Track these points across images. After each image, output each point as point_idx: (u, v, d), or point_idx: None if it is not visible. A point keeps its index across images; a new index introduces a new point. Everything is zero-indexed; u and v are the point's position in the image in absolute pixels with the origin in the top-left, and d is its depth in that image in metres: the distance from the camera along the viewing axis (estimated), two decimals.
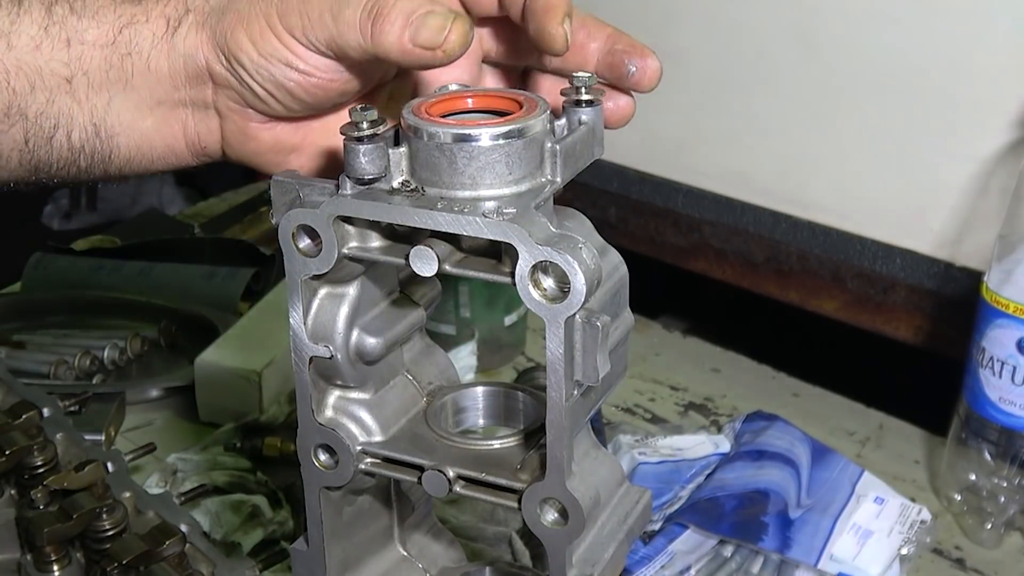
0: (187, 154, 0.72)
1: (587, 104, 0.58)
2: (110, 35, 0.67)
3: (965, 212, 1.12)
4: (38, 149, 0.69)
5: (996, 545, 0.99)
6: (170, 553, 0.78)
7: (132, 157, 0.71)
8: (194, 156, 0.72)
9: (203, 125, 0.71)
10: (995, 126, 1.06)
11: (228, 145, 0.71)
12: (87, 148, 0.69)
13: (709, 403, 1.22)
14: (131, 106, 0.69)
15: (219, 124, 0.70)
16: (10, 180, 0.71)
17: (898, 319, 1.21)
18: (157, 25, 0.68)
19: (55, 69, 0.67)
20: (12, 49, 0.66)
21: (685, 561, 0.93)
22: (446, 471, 0.59)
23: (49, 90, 0.67)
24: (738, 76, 1.24)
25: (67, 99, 0.68)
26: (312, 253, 0.57)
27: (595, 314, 0.54)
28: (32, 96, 0.67)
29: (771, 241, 1.28)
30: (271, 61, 0.64)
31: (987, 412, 0.98)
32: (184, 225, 1.67)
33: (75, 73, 0.67)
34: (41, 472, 0.85)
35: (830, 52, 1.17)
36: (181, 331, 1.33)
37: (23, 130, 0.68)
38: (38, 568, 0.81)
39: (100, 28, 0.67)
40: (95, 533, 0.80)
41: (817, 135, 1.21)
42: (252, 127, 0.69)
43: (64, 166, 0.70)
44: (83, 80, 0.68)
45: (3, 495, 0.88)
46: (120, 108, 0.69)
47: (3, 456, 0.85)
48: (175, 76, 0.68)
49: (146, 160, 0.72)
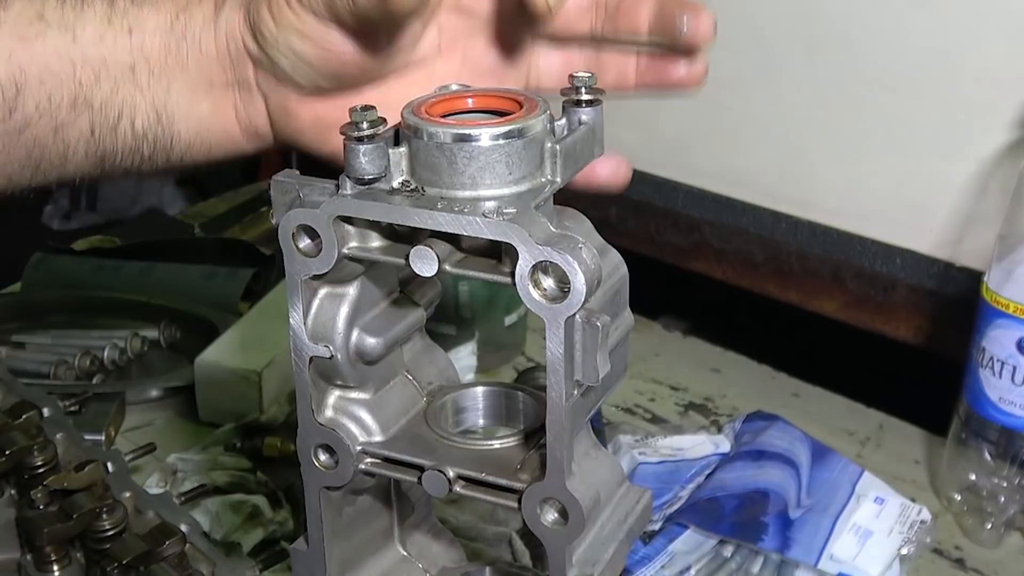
0: (242, 138, 0.74)
1: (587, 104, 0.58)
2: (168, 21, 0.69)
3: (965, 212, 1.12)
4: (104, 139, 0.70)
5: (996, 545, 0.99)
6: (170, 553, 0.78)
7: (192, 143, 0.73)
8: (248, 140, 0.74)
9: (252, 107, 0.72)
10: (995, 126, 1.06)
11: (275, 125, 0.72)
12: (150, 135, 0.71)
13: (709, 403, 1.22)
14: (188, 91, 0.71)
15: (264, 104, 0.72)
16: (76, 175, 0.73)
17: (898, 319, 1.21)
18: (207, 8, 0.70)
19: (119, 58, 0.69)
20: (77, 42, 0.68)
21: (685, 561, 0.93)
22: (446, 471, 0.59)
23: (113, 79, 0.69)
24: (738, 76, 1.24)
25: (130, 87, 0.70)
26: (312, 253, 0.57)
27: (595, 314, 0.54)
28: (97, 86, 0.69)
29: (771, 241, 1.28)
30: (287, 33, 0.66)
31: (987, 412, 0.98)
32: (184, 225, 1.67)
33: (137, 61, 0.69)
34: (41, 472, 0.85)
35: (830, 52, 1.17)
36: (181, 331, 1.33)
37: (89, 120, 0.69)
38: (38, 568, 0.81)
39: (159, 15, 0.69)
40: (95, 533, 0.80)
41: (817, 135, 1.21)
42: (292, 105, 0.71)
43: (128, 154, 0.72)
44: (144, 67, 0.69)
45: (3, 495, 0.88)
46: (179, 93, 0.71)
47: (3, 456, 0.85)
48: (222, 58, 0.70)
49: (205, 146, 0.73)
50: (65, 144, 0.70)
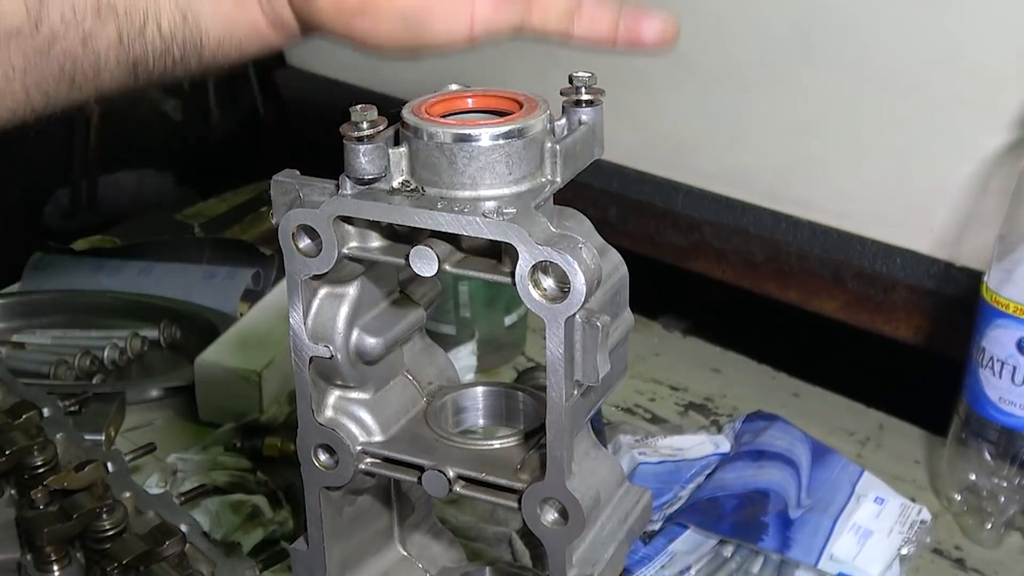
0: (269, 31, 0.74)
1: (587, 104, 0.59)
2: None
3: (965, 212, 1.12)
4: (133, 44, 0.71)
5: (996, 545, 0.99)
6: (170, 553, 0.78)
7: (221, 40, 0.73)
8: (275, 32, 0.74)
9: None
10: (995, 126, 1.06)
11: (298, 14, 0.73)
12: (178, 36, 0.72)
13: (709, 403, 1.22)
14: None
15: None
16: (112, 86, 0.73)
17: (898, 319, 1.21)
18: None
19: None
20: None
21: (685, 561, 0.93)
22: (446, 471, 0.59)
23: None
24: (739, 76, 1.24)
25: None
26: (312, 253, 0.57)
27: (595, 314, 0.54)
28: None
29: (771, 241, 1.28)
30: None
31: (987, 412, 0.98)
32: (184, 225, 1.67)
33: None
34: (41, 472, 0.85)
35: (831, 52, 1.17)
36: (181, 331, 1.33)
37: (116, 27, 0.70)
38: (38, 568, 0.81)
39: None
40: (95, 533, 0.80)
41: (817, 135, 1.21)
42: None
43: (160, 58, 0.72)
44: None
45: (3, 495, 0.88)
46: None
47: (3, 456, 0.85)
48: None
49: (235, 42, 0.74)
50: (96, 54, 0.71)
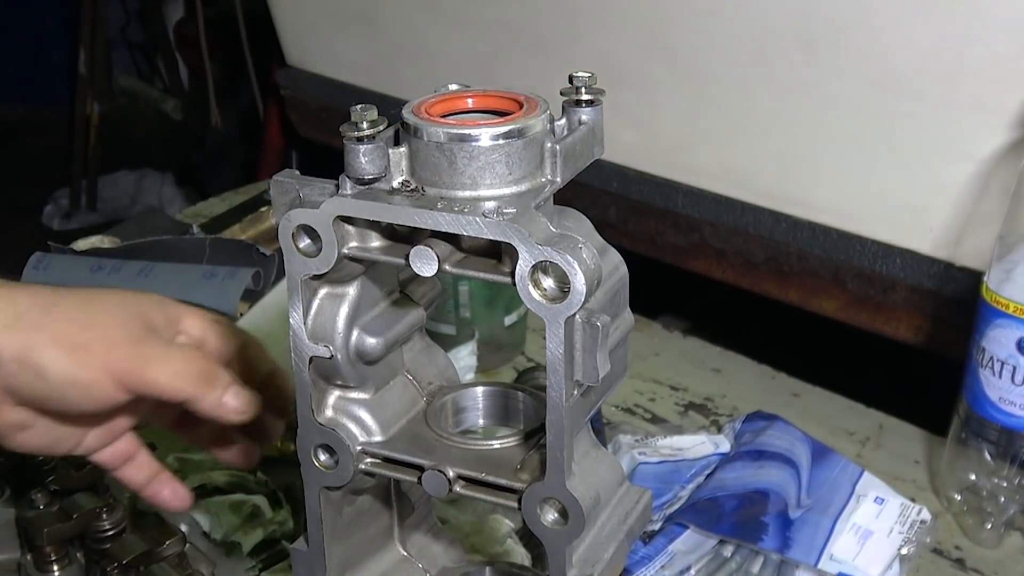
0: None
1: (587, 104, 0.58)
2: None
3: (965, 212, 1.12)
4: None
5: (996, 545, 0.99)
6: (170, 553, 0.78)
7: None
8: None
9: None
10: (995, 126, 1.06)
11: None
12: None
13: (709, 403, 1.22)
14: None
15: None
16: None
17: (898, 319, 1.21)
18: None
19: None
20: None
21: (685, 561, 0.93)
22: (446, 471, 0.59)
23: None
24: (738, 76, 1.24)
25: None
26: (312, 253, 0.57)
27: (595, 314, 0.54)
28: None
29: (771, 241, 1.28)
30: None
31: (987, 412, 0.98)
32: (184, 225, 1.67)
33: None
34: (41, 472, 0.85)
35: (830, 52, 1.17)
36: None
37: None
38: (38, 568, 0.81)
39: None
40: (95, 533, 0.80)
41: (817, 135, 1.21)
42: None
43: None
44: None
45: (3, 495, 0.88)
46: None
47: (3, 456, 0.85)
48: None
49: None
50: None
